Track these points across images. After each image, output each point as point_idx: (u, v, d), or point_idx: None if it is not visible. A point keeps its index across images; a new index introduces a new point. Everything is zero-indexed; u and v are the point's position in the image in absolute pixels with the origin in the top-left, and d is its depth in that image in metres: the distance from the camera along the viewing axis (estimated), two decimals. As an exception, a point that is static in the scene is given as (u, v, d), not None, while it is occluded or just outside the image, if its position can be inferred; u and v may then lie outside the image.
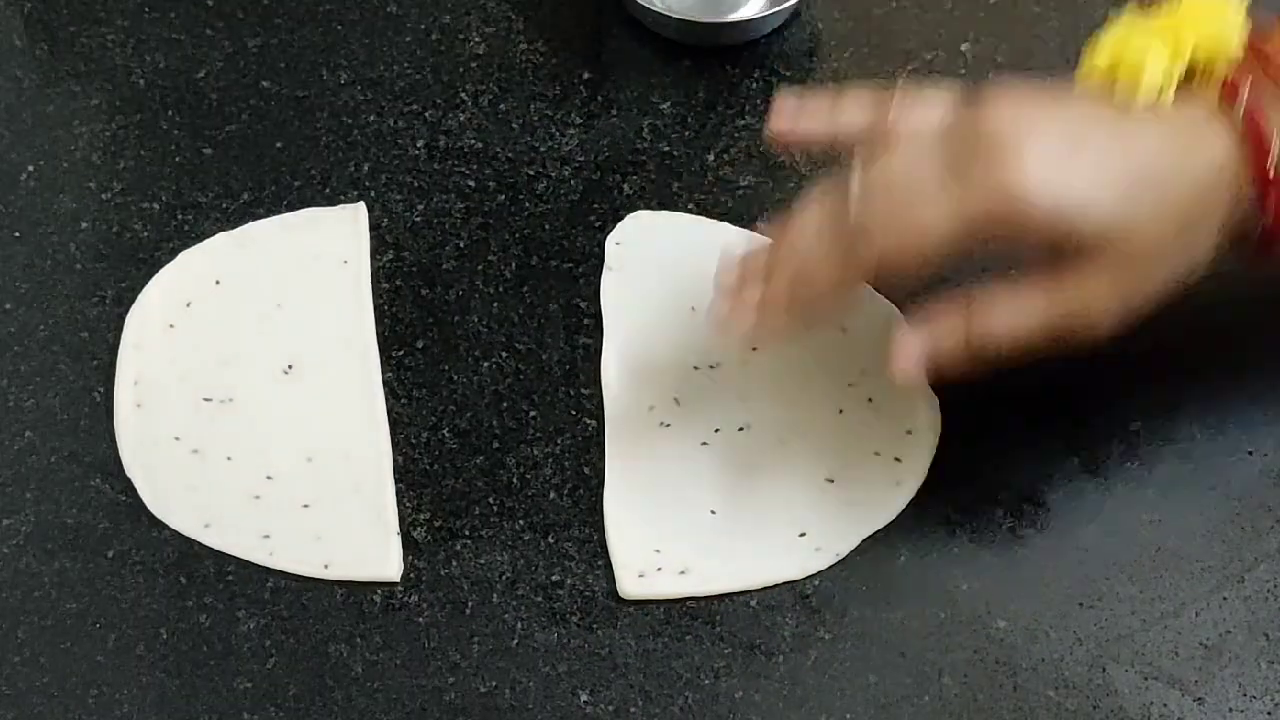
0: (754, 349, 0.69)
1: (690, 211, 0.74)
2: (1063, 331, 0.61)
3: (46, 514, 0.65)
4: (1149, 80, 0.61)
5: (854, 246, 0.60)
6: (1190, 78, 0.62)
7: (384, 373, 0.69)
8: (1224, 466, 0.66)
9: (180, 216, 0.74)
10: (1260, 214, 0.61)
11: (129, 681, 0.61)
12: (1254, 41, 0.62)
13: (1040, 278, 0.60)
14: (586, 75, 0.79)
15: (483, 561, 0.64)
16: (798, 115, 0.65)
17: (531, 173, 0.76)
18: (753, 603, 0.63)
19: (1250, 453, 0.66)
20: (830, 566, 0.64)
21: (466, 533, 0.65)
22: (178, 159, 0.76)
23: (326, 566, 0.64)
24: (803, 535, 0.64)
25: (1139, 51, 0.61)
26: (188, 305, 0.71)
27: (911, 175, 0.60)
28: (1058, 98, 0.62)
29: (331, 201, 0.75)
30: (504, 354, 0.70)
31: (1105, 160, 0.60)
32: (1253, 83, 0.61)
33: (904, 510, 0.65)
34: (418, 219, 0.74)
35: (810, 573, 0.64)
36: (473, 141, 0.77)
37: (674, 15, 0.80)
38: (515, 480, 0.66)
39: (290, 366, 0.69)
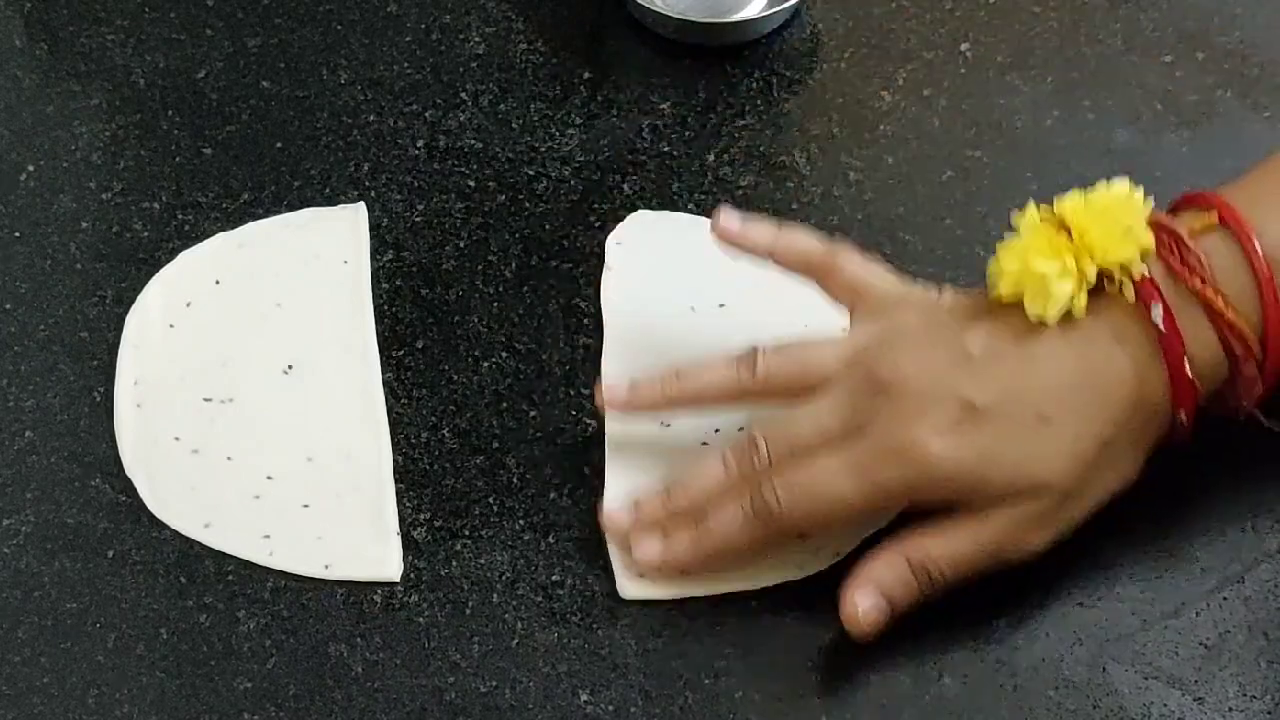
0: None
1: (690, 211, 0.74)
2: (998, 558, 0.60)
3: (46, 514, 0.65)
4: (1057, 297, 0.59)
5: (767, 519, 0.61)
6: (1101, 280, 0.59)
7: (384, 373, 0.69)
8: (1224, 466, 0.66)
9: (180, 216, 0.74)
10: (1176, 419, 0.60)
11: (129, 681, 0.61)
12: (1161, 221, 0.60)
13: (965, 517, 0.60)
14: (586, 75, 0.79)
15: (483, 561, 0.64)
16: (744, 225, 0.66)
17: (531, 173, 0.76)
18: (753, 603, 0.63)
19: (1251, 453, 0.66)
20: (830, 566, 0.64)
21: (466, 533, 0.65)
22: (178, 159, 0.76)
23: (326, 566, 0.64)
24: (803, 535, 0.64)
25: (1043, 267, 0.59)
26: (188, 305, 0.71)
27: (817, 436, 0.60)
28: (964, 321, 0.61)
29: (331, 201, 0.75)
30: (504, 354, 0.70)
31: (1011, 409, 0.59)
32: (1165, 279, 0.58)
33: (904, 510, 0.65)
34: (418, 219, 0.74)
35: (810, 573, 0.63)
36: (473, 141, 0.77)
37: (674, 15, 0.80)
38: (515, 480, 0.66)
39: (290, 366, 0.69)
